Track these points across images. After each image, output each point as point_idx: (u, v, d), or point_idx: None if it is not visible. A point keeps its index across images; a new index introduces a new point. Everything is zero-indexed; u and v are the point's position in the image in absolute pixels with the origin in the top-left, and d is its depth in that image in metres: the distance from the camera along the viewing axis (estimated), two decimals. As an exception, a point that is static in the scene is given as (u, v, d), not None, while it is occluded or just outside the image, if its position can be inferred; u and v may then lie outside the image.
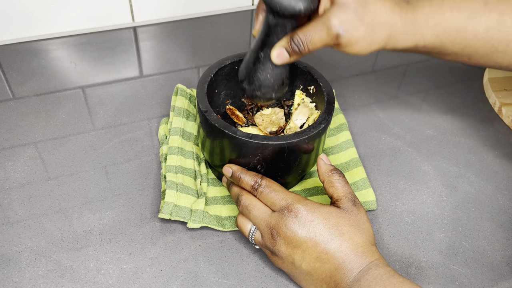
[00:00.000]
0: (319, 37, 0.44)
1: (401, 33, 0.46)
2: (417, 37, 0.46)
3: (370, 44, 0.45)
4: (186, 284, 0.47)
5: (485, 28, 0.46)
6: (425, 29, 0.46)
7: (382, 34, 0.45)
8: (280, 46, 0.46)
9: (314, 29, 0.44)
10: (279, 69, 0.48)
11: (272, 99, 0.51)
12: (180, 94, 0.62)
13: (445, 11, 0.46)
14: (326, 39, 0.44)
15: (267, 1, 0.43)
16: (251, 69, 0.49)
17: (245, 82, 0.50)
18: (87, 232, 0.51)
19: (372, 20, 0.44)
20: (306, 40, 0.44)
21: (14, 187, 0.54)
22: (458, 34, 0.46)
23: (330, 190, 0.46)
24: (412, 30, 0.46)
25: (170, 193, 0.51)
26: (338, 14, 0.43)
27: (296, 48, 0.45)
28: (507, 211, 0.56)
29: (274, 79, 0.49)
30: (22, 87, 0.68)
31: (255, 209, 0.46)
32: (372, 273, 0.41)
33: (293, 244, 0.43)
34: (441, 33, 0.46)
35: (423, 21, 0.46)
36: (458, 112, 0.69)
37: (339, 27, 0.43)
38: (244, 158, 0.48)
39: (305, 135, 0.47)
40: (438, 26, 0.46)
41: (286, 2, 0.42)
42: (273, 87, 0.49)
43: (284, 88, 0.50)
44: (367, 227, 0.44)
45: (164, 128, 0.61)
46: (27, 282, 0.46)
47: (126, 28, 0.80)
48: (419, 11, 0.45)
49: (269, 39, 0.46)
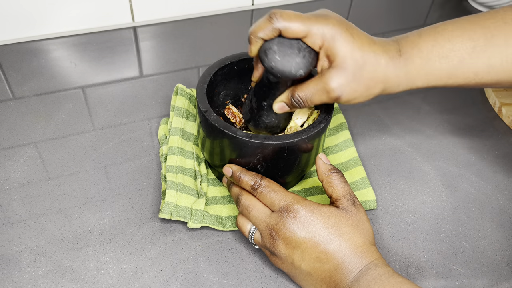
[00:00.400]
0: (318, 97, 0.46)
1: (394, 85, 0.47)
2: (409, 85, 0.48)
3: (366, 98, 0.47)
4: (186, 284, 0.47)
5: (474, 73, 0.47)
6: (416, 79, 0.48)
7: (377, 89, 0.47)
8: (282, 101, 0.48)
9: (315, 91, 0.46)
10: (283, 114, 0.51)
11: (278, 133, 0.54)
12: (180, 94, 0.62)
13: (434, 62, 0.47)
14: (326, 99, 0.46)
15: (268, 70, 0.44)
16: (256, 114, 0.51)
17: (251, 123, 0.53)
18: (87, 232, 0.51)
19: (368, 80, 0.46)
20: (306, 99, 0.46)
21: (14, 187, 0.54)
22: (448, 80, 0.48)
23: (329, 190, 0.46)
24: (405, 82, 0.47)
25: (170, 193, 0.51)
26: (336, 77, 0.45)
27: (296, 105, 0.47)
28: (507, 211, 0.56)
29: (279, 121, 0.51)
30: (22, 87, 0.68)
31: (255, 209, 0.46)
32: (371, 273, 0.41)
33: (292, 244, 0.43)
34: (432, 81, 0.48)
35: (415, 73, 0.47)
36: (458, 112, 0.69)
37: (339, 90, 0.45)
38: (244, 158, 0.48)
39: (305, 135, 0.47)
40: (429, 75, 0.48)
41: (287, 71, 0.43)
42: (278, 126, 0.52)
43: (287, 123, 0.53)
44: (367, 227, 0.44)
45: (164, 128, 0.61)
46: (27, 282, 0.46)
47: (126, 28, 0.80)
48: (410, 63, 0.47)
49: (271, 92, 0.48)
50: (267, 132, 0.53)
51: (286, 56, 0.43)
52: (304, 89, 0.46)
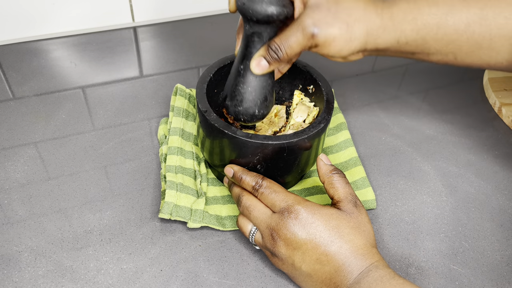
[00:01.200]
0: (295, 40, 0.44)
1: (379, 28, 0.45)
2: (397, 33, 0.46)
3: (349, 42, 0.45)
4: (186, 284, 0.47)
5: (465, 23, 0.45)
6: (404, 24, 0.45)
7: (359, 30, 0.45)
8: (259, 55, 0.46)
9: (290, 33, 0.44)
10: (261, 82, 0.48)
11: (256, 117, 0.50)
12: (180, 94, 0.62)
13: (423, 6, 0.45)
14: (302, 41, 0.44)
15: (240, 7, 0.44)
16: (232, 84, 0.48)
17: (227, 98, 0.50)
18: (87, 232, 0.51)
19: (346, 16, 0.44)
20: (284, 45, 0.44)
21: (14, 187, 0.54)
22: (438, 29, 0.46)
23: (331, 191, 0.46)
24: (391, 25, 0.45)
25: (170, 193, 0.51)
26: (311, 15, 0.44)
27: (274, 54, 0.45)
28: (507, 211, 0.56)
29: (256, 93, 0.48)
30: (22, 87, 0.68)
31: (256, 210, 0.46)
32: (372, 275, 0.41)
33: (293, 245, 0.43)
34: (421, 28, 0.46)
35: (401, 15, 0.45)
36: (458, 112, 0.69)
37: (313, 26, 0.43)
38: (243, 158, 0.48)
39: (304, 135, 0.47)
40: (417, 20, 0.45)
41: (258, 7, 0.43)
42: (256, 102, 0.49)
43: (267, 104, 0.49)
44: (368, 229, 0.44)
45: (164, 128, 0.61)
46: (27, 282, 0.46)
47: (126, 28, 0.80)
48: (396, 7, 0.45)
49: (248, 50, 0.46)
50: (243, 115, 0.49)
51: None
52: (280, 35, 0.45)
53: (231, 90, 0.49)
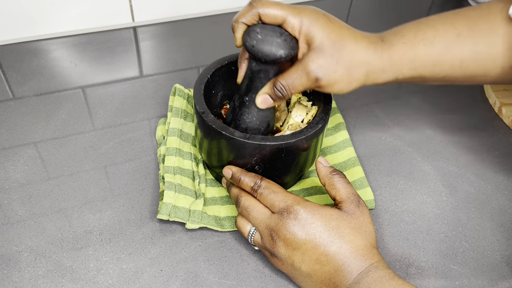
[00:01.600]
0: (299, 82, 0.46)
1: (379, 70, 0.47)
2: (395, 73, 0.48)
3: (349, 83, 0.47)
4: (186, 284, 0.47)
5: (460, 60, 0.47)
6: (402, 65, 0.47)
7: (359, 73, 0.47)
8: (264, 92, 0.48)
9: (295, 75, 0.46)
10: (264, 112, 0.50)
11: None
12: (178, 95, 0.62)
13: (419, 47, 0.47)
14: (306, 83, 0.46)
15: (250, 49, 0.45)
16: (237, 113, 0.51)
17: (232, 124, 0.52)
18: (87, 232, 0.51)
19: (348, 61, 0.46)
20: (288, 86, 0.46)
21: (14, 187, 0.54)
22: (434, 67, 0.48)
23: (332, 193, 0.46)
24: (390, 67, 0.47)
25: (168, 194, 0.51)
26: (315, 60, 0.45)
27: (279, 93, 0.47)
28: (507, 211, 0.56)
29: (260, 122, 0.51)
30: (22, 87, 0.68)
31: (254, 210, 0.46)
32: (372, 275, 0.41)
33: (292, 246, 0.43)
34: (418, 67, 0.47)
35: (399, 58, 0.47)
36: (458, 112, 0.69)
37: (317, 71, 0.45)
38: (242, 159, 0.48)
39: (302, 135, 0.47)
40: (415, 61, 0.47)
41: (267, 50, 0.44)
42: (259, 130, 0.51)
43: (269, 130, 0.53)
44: (369, 230, 0.44)
45: (162, 128, 0.61)
46: (27, 282, 0.46)
47: (126, 28, 0.80)
48: (394, 49, 0.47)
49: (253, 84, 0.48)
50: None
51: (268, 37, 0.45)
52: (285, 76, 0.46)
53: (236, 118, 0.51)
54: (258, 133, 0.52)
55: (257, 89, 0.48)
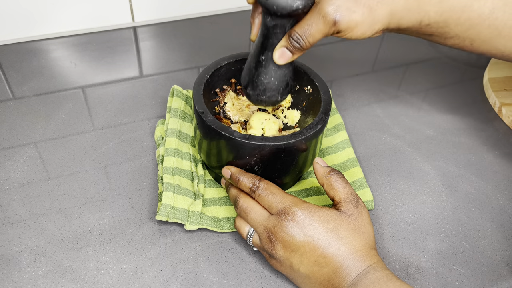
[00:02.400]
0: (316, 28, 0.43)
1: (403, 9, 0.44)
2: (421, 14, 0.45)
3: (372, 25, 0.44)
4: (186, 284, 0.47)
5: (490, 9, 0.44)
6: (429, 5, 0.44)
7: (382, 12, 0.43)
8: (281, 46, 0.45)
9: (311, 22, 0.43)
10: (283, 70, 0.47)
11: (278, 102, 0.50)
12: (176, 95, 0.62)
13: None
14: (324, 28, 0.43)
15: (263, 2, 0.42)
16: (254, 74, 0.48)
17: (249, 87, 0.49)
18: (87, 232, 0.51)
19: None
20: (305, 34, 0.43)
21: (14, 187, 0.54)
22: (462, 13, 0.45)
23: (331, 193, 0.46)
24: (416, 6, 0.44)
25: (167, 195, 0.51)
26: (331, 0, 0.42)
27: (296, 44, 0.44)
28: (507, 211, 0.56)
29: (279, 81, 0.48)
30: (22, 87, 0.68)
31: (253, 212, 0.46)
32: (370, 277, 0.41)
33: (291, 248, 0.43)
34: (446, 11, 0.45)
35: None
36: (458, 112, 0.69)
37: (334, 13, 0.42)
38: (241, 159, 0.48)
39: (302, 136, 0.47)
40: (443, 2, 0.44)
41: (283, 2, 0.41)
42: (278, 90, 0.49)
43: (289, 90, 0.50)
44: (368, 231, 0.44)
45: (161, 129, 0.61)
46: (27, 282, 0.46)
47: (126, 28, 0.80)
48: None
49: (269, 41, 0.45)
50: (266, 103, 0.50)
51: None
52: (301, 24, 0.43)
53: (252, 79, 0.48)
54: (278, 94, 0.49)
55: (274, 46, 0.45)
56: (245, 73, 0.50)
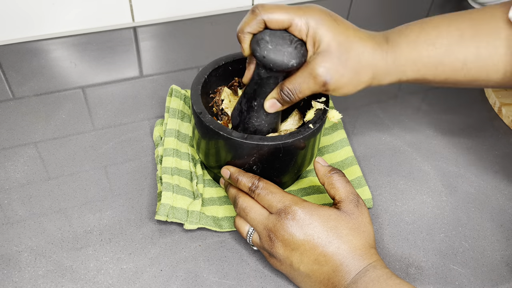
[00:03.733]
0: (307, 86, 0.46)
1: (384, 73, 0.47)
2: (399, 74, 0.47)
3: (356, 86, 0.47)
4: (186, 284, 0.47)
5: (462, 62, 0.47)
6: (405, 66, 0.47)
7: (366, 75, 0.46)
8: (272, 97, 0.48)
9: (302, 80, 0.45)
10: (273, 115, 0.50)
11: None
12: (175, 95, 0.62)
13: (422, 48, 0.47)
14: (314, 87, 0.46)
15: (260, 59, 0.44)
16: (245, 116, 0.50)
17: (239, 127, 0.52)
18: (87, 232, 0.51)
19: (355, 64, 0.45)
20: (296, 90, 0.46)
21: (14, 187, 0.54)
22: (437, 69, 0.47)
23: (332, 192, 0.46)
24: (394, 68, 0.47)
25: (166, 195, 0.51)
26: (322, 63, 0.44)
27: (287, 98, 0.47)
28: (507, 211, 0.56)
29: (269, 124, 0.51)
30: (22, 87, 0.68)
31: (252, 211, 0.46)
32: (370, 275, 0.41)
33: (291, 246, 0.43)
34: (421, 69, 0.47)
35: (403, 60, 0.47)
36: (458, 112, 0.69)
37: (325, 75, 0.44)
38: (239, 159, 0.48)
39: (300, 135, 0.47)
40: (417, 63, 0.47)
41: (279, 60, 0.44)
42: (268, 131, 0.51)
43: (276, 130, 0.53)
44: (368, 230, 0.44)
45: (159, 129, 0.61)
46: (27, 282, 0.46)
47: (126, 28, 0.80)
48: (398, 51, 0.47)
49: (262, 89, 0.48)
50: None
51: (278, 46, 0.44)
52: (292, 80, 0.46)
53: (244, 121, 0.51)
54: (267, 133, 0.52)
55: (266, 94, 0.48)
56: (235, 114, 0.52)
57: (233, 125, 0.53)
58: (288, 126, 0.56)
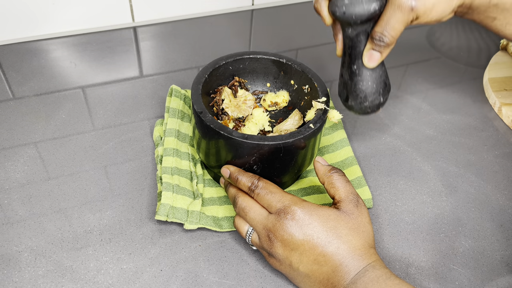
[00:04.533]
0: (395, 20, 0.44)
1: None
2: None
3: (449, 2, 0.45)
4: (186, 284, 0.47)
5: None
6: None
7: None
8: (368, 49, 0.47)
9: (389, 16, 0.44)
10: (377, 72, 0.49)
11: (382, 104, 0.51)
12: (175, 95, 0.62)
13: None
14: (403, 18, 0.44)
15: (342, 17, 0.44)
16: (350, 85, 0.49)
17: (349, 99, 0.50)
18: (87, 232, 0.51)
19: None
20: (387, 29, 0.45)
21: (14, 187, 0.54)
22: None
23: (332, 191, 0.46)
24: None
25: (166, 195, 0.51)
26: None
27: (381, 42, 0.45)
28: (507, 211, 0.56)
29: (377, 84, 0.49)
30: (22, 87, 0.68)
31: (252, 211, 0.46)
32: (369, 275, 0.41)
33: (290, 246, 0.43)
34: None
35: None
36: (458, 112, 0.69)
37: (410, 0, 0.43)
38: (240, 158, 0.48)
39: (300, 135, 0.47)
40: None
41: (360, 9, 0.43)
42: (379, 91, 0.50)
43: (388, 88, 0.51)
44: (368, 230, 0.44)
45: (159, 129, 0.61)
46: (27, 282, 0.46)
47: (126, 28, 0.80)
48: None
49: (356, 50, 0.47)
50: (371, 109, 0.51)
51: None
52: (380, 22, 0.45)
53: (351, 90, 0.50)
54: (379, 95, 0.50)
55: (362, 53, 0.47)
56: (341, 88, 0.51)
57: (342, 100, 0.52)
58: (288, 126, 0.56)
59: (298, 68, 0.55)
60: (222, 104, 0.57)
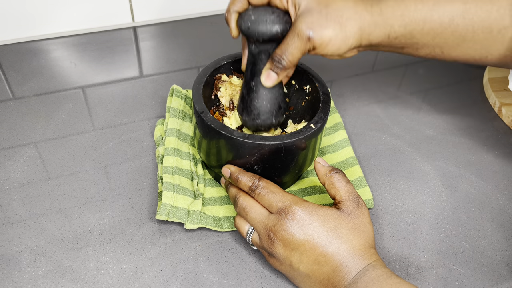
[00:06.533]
0: (294, 46, 0.46)
1: (370, 24, 0.47)
2: (387, 28, 0.48)
3: (345, 40, 0.47)
4: (186, 284, 0.47)
5: (449, 17, 0.48)
6: (392, 19, 0.48)
7: (352, 28, 0.47)
8: (266, 69, 0.48)
9: (288, 41, 0.46)
10: (273, 93, 0.50)
11: (274, 125, 0.53)
12: (176, 95, 0.62)
13: (409, 2, 0.48)
14: (300, 45, 0.46)
15: (246, 31, 0.46)
16: (247, 100, 0.51)
17: (244, 114, 0.52)
18: (87, 232, 0.51)
19: (337, 17, 0.46)
20: (285, 53, 0.47)
21: (14, 187, 0.54)
22: (424, 24, 0.48)
23: (332, 192, 0.46)
24: (381, 21, 0.47)
25: (167, 195, 0.51)
26: (304, 20, 0.46)
27: (279, 64, 0.47)
28: (507, 211, 0.56)
29: (271, 104, 0.51)
30: (22, 87, 0.68)
31: (252, 211, 0.46)
32: (369, 275, 0.41)
33: (290, 246, 0.43)
34: (409, 23, 0.48)
35: (390, 12, 0.47)
36: (458, 112, 0.69)
37: (308, 30, 0.45)
38: (240, 158, 0.48)
39: (301, 135, 0.47)
40: (405, 16, 0.48)
41: (262, 28, 0.45)
42: (272, 112, 0.51)
43: (282, 112, 0.52)
44: (368, 230, 0.44)
45: (160, 129, 0.61)
46: (27, 282, 0.46)
47: (126, 28, 0.80)
48: (384, 4, 0.47)
49: (257, 67, 0.49)
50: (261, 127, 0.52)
51: (261, 16, 0.46)
52: (280, 46, 0.47)
53: (246, 105, 0.51)
54: (271, 116, 0.51)
55: (261, 71, 0.49)
56: (239, 101, 0.53)
57: (238, 113, 0.53)
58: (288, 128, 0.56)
59: (299, 68, 0.55)
60: (219, 91, 0.57)
